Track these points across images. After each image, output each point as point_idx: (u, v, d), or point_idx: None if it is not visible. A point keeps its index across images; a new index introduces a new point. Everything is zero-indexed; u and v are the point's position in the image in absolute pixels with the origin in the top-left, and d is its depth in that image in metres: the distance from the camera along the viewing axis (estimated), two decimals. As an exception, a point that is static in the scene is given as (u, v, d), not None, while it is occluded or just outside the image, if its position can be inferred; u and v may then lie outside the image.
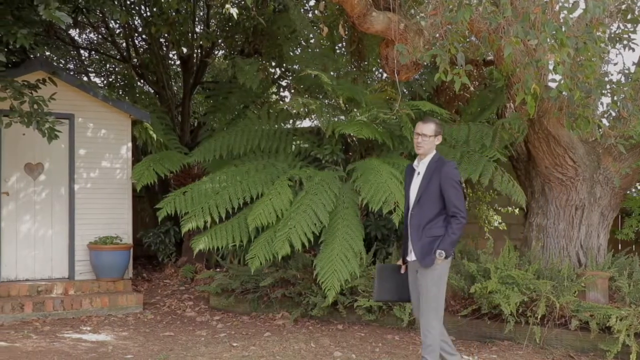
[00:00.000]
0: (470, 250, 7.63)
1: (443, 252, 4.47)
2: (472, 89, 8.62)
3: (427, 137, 4.66)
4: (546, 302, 5.89)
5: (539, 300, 5.91)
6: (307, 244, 6.60)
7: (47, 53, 11.68)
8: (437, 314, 4.54)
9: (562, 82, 5.59)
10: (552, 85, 6.29)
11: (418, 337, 6.42)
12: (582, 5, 5.37)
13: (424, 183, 4.61)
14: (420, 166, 4.71)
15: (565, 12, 5.23)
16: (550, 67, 5.44)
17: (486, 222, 9.23)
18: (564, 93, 5.82)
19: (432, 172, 4.60)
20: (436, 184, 4.55)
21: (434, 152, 4.73)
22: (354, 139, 8.16)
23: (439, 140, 4.74)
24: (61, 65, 12.90)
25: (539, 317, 5.88)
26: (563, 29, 5.08)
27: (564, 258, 7.11)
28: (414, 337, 6.44)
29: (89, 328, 6.83)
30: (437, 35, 6.38)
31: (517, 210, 8.99)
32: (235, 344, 6.07)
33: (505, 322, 5.98)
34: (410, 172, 4.80)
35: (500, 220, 9.23)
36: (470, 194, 9.23)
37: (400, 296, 4.91)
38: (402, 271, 4.87)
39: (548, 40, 5.03)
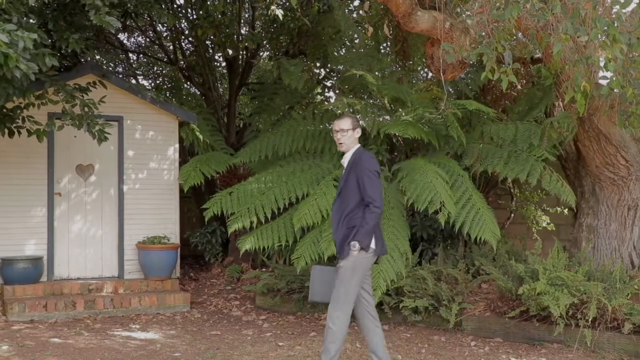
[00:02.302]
0: (518, 251, 7.51)
1: (357, 243, 4.44)
2: (519, 87, 8.49)
3: (345, 132, 4.70)
4: (597, 304, 5.76)
5: (589, 303, 5.78)
6: (352, 244, 6.58)
7: (97, 57, 11.95)
8: (344, 306, 4.51)
9: (614, 79, 5.46)
10: (603, 82, 6.16)
11: (465, 338, 6.36)
12: (634, -1, 5.25)
13: (344, 177, 4.67)
14: (344, 161, 4.77)
15: (618, 6, 5.10)
16: (601, 64, 5.32)
17: (534, 222, 9.07)
18: (615, 90, 5.68)
19: (352, 165, 4.64)
20: (354, 178, 4.58)
21: (357, 146, 4.75)
22: (399, 138, 8.12)
23: (358, 133, 4.75)
24: (110, 68, 13.16)
25: (589, 319, 5.75)
26: (615, 25, 4.96)
27: (616, 259, 6.93)
28: (460, 338, 6.37)
29: (138, 326, 6.95)
30: (484, 33, 6.30)
31: (566, 211, 8.81)
32: (281, 344, 6.09)
33: (555, 324, 5.87)
34: (342, 167, 4.83)
35: (548, 221, 9.06)
36: (518, 194, 9.09)
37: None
38: None
39: (599, 36, 4.92)
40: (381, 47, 9.61)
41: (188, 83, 12.26)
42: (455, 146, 7.62)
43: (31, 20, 6.37)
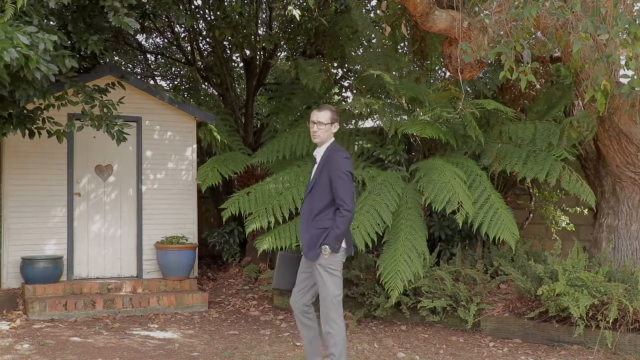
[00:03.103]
0: (537, 252, 7.46)
1: (327, 246, 4.35)
2: (538, 86, 8.42)
3: (323, 125, 4.54)
4: (618, 305, 5.70)
5: (610, 304, 5.72)
6: (370, 245, 6.59)
7: (116, 58, 12.03)
8: (337, 308, 4.42)
9: (635, 77, 5.40)
10: (624, 81, 6.09)
11: (483, 339, 6.32)
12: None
13: (317, 173, 4.53)
14: (318, 155, 4.61)
15: (639, 4, 5.05)
16: (622, 63, 5.27)
17: (553, 222, 9.00)
18: (636, 89, 5.62)
19: (325, 162, 4.51)
20: (327, 175, 4.45)
21: (331, 140, 4.61)
22: (417, 138, 8.10)
23: (335, 128, 4.61)
24: (129, 69, 13.24)
25: (610, 321, 5.69)
26: (637, 22, 4.90)
27: (637, 260, 6.86)
28: (478, 339, 6.34)
29: (156, 325, 6.99)
30: (502, 32, 6.26)
31: (586, 211, 8.73)
32: (298, 344, 6.09)
33: (575, 325, 5.82)
34: (313, 162, 4.71)
35: (568, 221, 8.98)
36: (537, 194, 9.03)
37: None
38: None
39: (620, 34, 4.87)
40: (399, 47, 9.58)
41: (206, 83, 12.30)
42: (473, 146, 7.59)
43: (51, 22, 6.44)
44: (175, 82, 13.44)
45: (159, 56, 13.99)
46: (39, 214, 8.03)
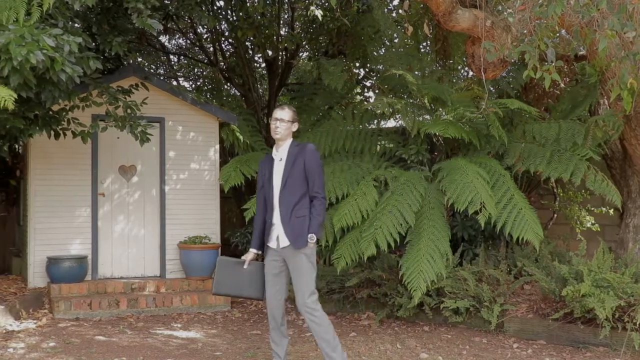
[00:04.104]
0: (562, 252, 7.38)
1: (314, 235, 4.59)
2: (562, 85, 8.34)
3: (284, 123, 4.74)
4: (645, 307, 5.62)
5: (637, 305, 5.64)
6: (392, 245, 6.57)
7: (139, 59, 12.14)
8: (314, 294, 4.66)
9: (662, 75, 5.33)
10: (651, 79, 6.00)
11: (507, 340, 6.27)
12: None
13: (287, 168, 4.71)
14: (280, 153, 4.80)
15: (666, 1, 4.97)
16: (649, 60, 5.20)
17: (578, 223, 8.90)
18: (664, 87, 5.54)
19: (296, 156, 4.72)
20: (300, 168, 4.68)
21: (291, 138, 4.83)
22: (440, 138, 8.05)
23: (295, 127, 4.82)
24: (152, 70, 13.35)
25: (638, 322, 5.61)
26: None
27: (664, 261, 6.76)
28: (502, 340, 6.29)
29: (179, 325, 7.03)
30: (526, 31, 6.21)
31: (611, 211, 8.62)
32: (321, 344, 6.09)
33: (600, 327, 5.74)
34: (268, 162, 4.86)
35: (593, 221, 8.88)
36: (561, 194, 8.94)
37: (239, 291, 4.89)
38: (246, 266, 4.85)
39: (647, 32, 4.80)
40: (421, 47, 9.54)
41: (228, 84, 12.36)
42: (496, 146, 7.53)
43: (76, 25, 6.50)
44: (198, 83, 13.52)
45: (182, 57, 14.09)
46: (63, 214, 8.13)
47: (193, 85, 13.54)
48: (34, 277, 8.03)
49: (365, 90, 11.63)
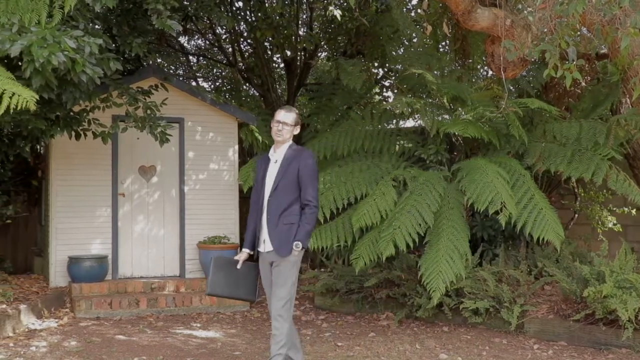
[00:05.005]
0: (583, 253, 7.32)
1: (300, 243, 4.45)
2: (583, 84, 8.26)
3: (287, 126, 4.64)
4: (668, 308, 5.55)
5: (660, 306, 5.58)
6: (411, 245, 6.55)
7: (159, 60, 12.22)
8: (290, 304, 4.53)
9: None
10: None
11: (527, 341, 6.23)
12: None
13: (281, 171, 4.59)
14: (277, 154, 4.68)
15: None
16: (672, 59, 5.13)
17: (599, 223, 8.81)
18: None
19: (291, 160, 4.59)
20: (294, 173, 4.55)
21: (290, 140, 4.71)
22: (459, 138, 8.02)
23: (297, 130, 4.72)
24: (171, 71, 13.43)
25: (660, 324, 5.55)
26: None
27: (688, 262, 6.67)
28: (522, 341, 6.25)
29: (198, 325, 7.06)
30: (546, 29, 6.16)
31: (634, 211, 8.52)
32: (340, 344, 6.10)
33: (623, 328, 5.68)
34: (264, 162, 4.75)
35: (615, 222, 8.78)
36: (582, 194, 8.85)
37: (233, 292, 4.77)
38: (239, 266, 4.73)
39: (670, 30, 4.74)
40: (440, 46, 9.50)
41: (247, 84, 12.40)
42: (516, 145, 7.48)
43: (97, 26, 6.55)
44: (217, 84, 13.58)
45: (201, 58, 14.15)
46: (84, 214, 8.19)
47: (212, 86, 13.60)
48: (55, 277, 8.11)
49: (384, 90, 11.60)
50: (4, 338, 6.02)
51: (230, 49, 12.47)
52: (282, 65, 12.44)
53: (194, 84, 12.32)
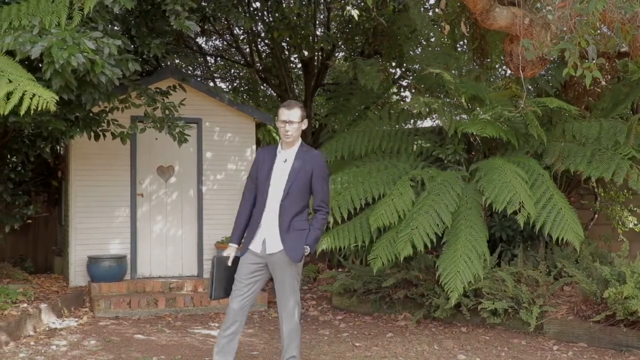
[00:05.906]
0: (603, 253, 7.25)
1: (308, 247, 4.37)
2: (603, 83, 8.18)
3: (295, 124, 4.39)
4: (690, 309, 5.48)
5: (681, 308, 5.51)
6: (429, 245, 6.52)
7: (177, 61, 12.28)
8: (299, 307, 4.53)
9: None
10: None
11: (546, 342, 6.18)
12: None
13: (293, 174, 4.40)
14: (287, 153, 4.47)
15: None
16: (694, 57, 5.07)
17: (620, 223, 8.73)
18: None
19: (303, 163, 4.41)
20: (307, 176, 4.39)
21: (300, 140, 4.52)
22: (477, 138, 7.97)
23: (305, 125, 4.48)
24: (189, 72, 13.50)
25: (682, 325, 5.49)
26: None
27: None
28: (541, 342, 6.20)
29: (216, 324, 7.09)
30: (565, 28, 6.10)
31: (655, 211, 8.45)
32: (357, 344, 6.09)
33: (644, 329, 5.63)
34: (270, 155, 4.50)
35: (636, 222, 8.69)
36: (602, 194, 8.77)
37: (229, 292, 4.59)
38: (229, 263, 4.54)
39: (691, 28, 4.69)
40: (458, 45, 9.46)
41: (264, 85, 12.43)
42: (535, 145, 7.43)
43: (115, 28, 6.61)
44: (235, 84, 13.63)
45: (219, 58, 14.21)
46: (103, 214, 8.26)
47: (230, 86, 13.65)
48: (75, 276, 8.18)
49: (402, 89, 11.59)
50: (25, 337, 6.08)
51: (247, 50, 12.51)
52: (299, 65, 12.45)
53: (211, 84, 12.39)
